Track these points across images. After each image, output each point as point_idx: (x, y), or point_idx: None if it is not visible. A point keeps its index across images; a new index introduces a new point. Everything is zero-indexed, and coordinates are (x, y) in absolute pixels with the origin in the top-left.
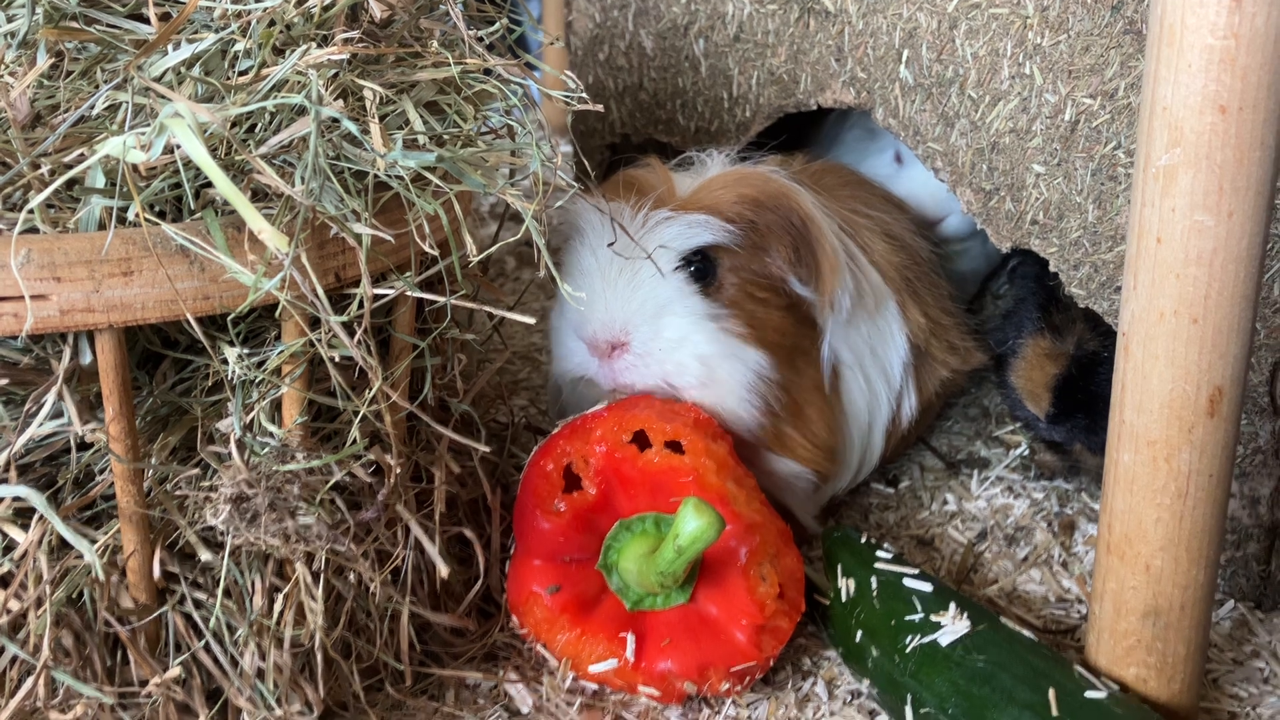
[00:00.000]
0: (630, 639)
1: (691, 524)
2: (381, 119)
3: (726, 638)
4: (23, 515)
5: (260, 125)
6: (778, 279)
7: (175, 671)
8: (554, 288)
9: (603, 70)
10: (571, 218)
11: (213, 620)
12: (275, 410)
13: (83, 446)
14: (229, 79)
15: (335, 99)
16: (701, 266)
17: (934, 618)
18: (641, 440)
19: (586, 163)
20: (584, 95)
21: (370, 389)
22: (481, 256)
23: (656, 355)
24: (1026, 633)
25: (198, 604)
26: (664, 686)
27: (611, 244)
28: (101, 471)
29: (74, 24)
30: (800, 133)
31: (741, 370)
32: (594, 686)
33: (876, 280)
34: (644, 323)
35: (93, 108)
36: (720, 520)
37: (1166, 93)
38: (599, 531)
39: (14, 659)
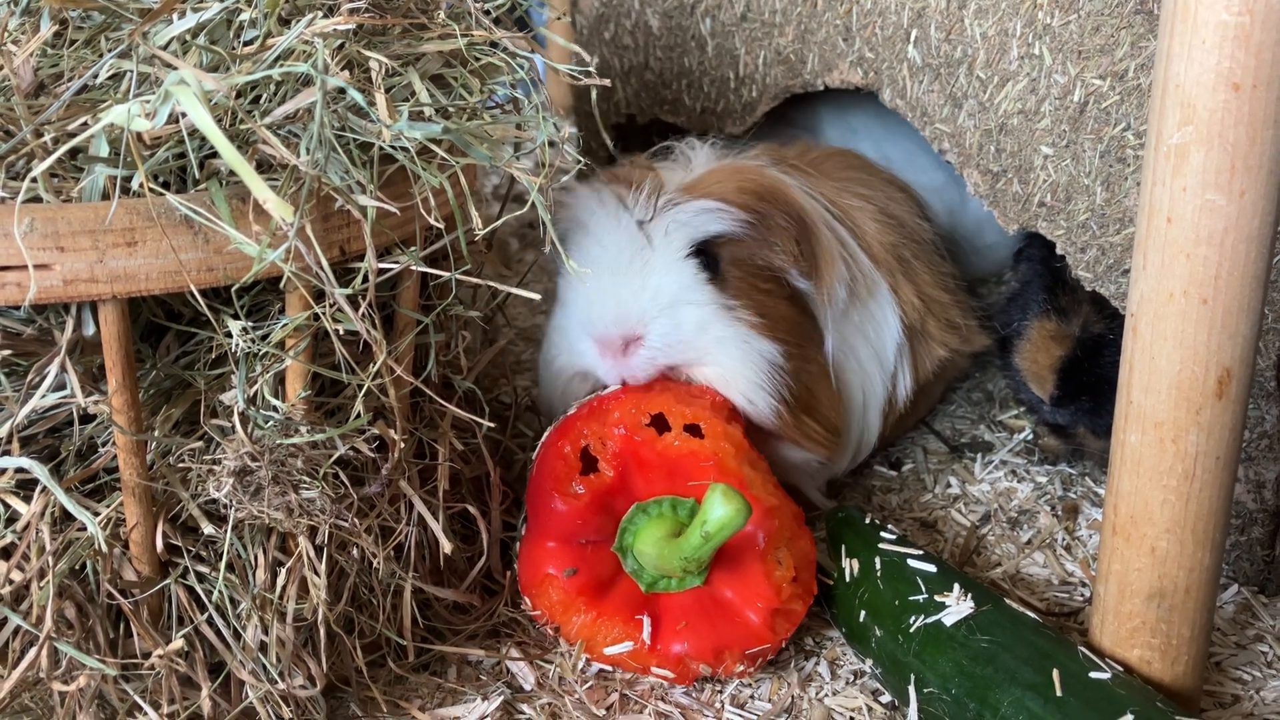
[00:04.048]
0: (646, 621)
1: (720, 510)
2: (387, 90)
3: (741, 620)
4: (25, 487)
5: (265, 96)
6: (780, 271)
7: (178, 644)
8: (558, 271)
9: (608, 49)
10: (572, 210)
11: (215, 593)
12: (279, 384)
13: (85, 419)
14: (234, 48)
15: (341, 69)
16: (707, 258)
17: (938, 598)
18: (660, 423)
19: (595, 139)
20: (591, 70)
21: (374, 363)
22: (487, 231)
23: (676, 346)
24: (1030, 614)
25: (200, 577)
26: (679, 669)
27: (644, 222)
28: (104, 444)
29: None
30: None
31: (757, 360)
32: (598, 665)
33: (867, 265)
34: (660, 315)
35: (96, 76)
36: (748, 507)
37: (1179, 70)
38: (615, 514)
39: (17, 630)
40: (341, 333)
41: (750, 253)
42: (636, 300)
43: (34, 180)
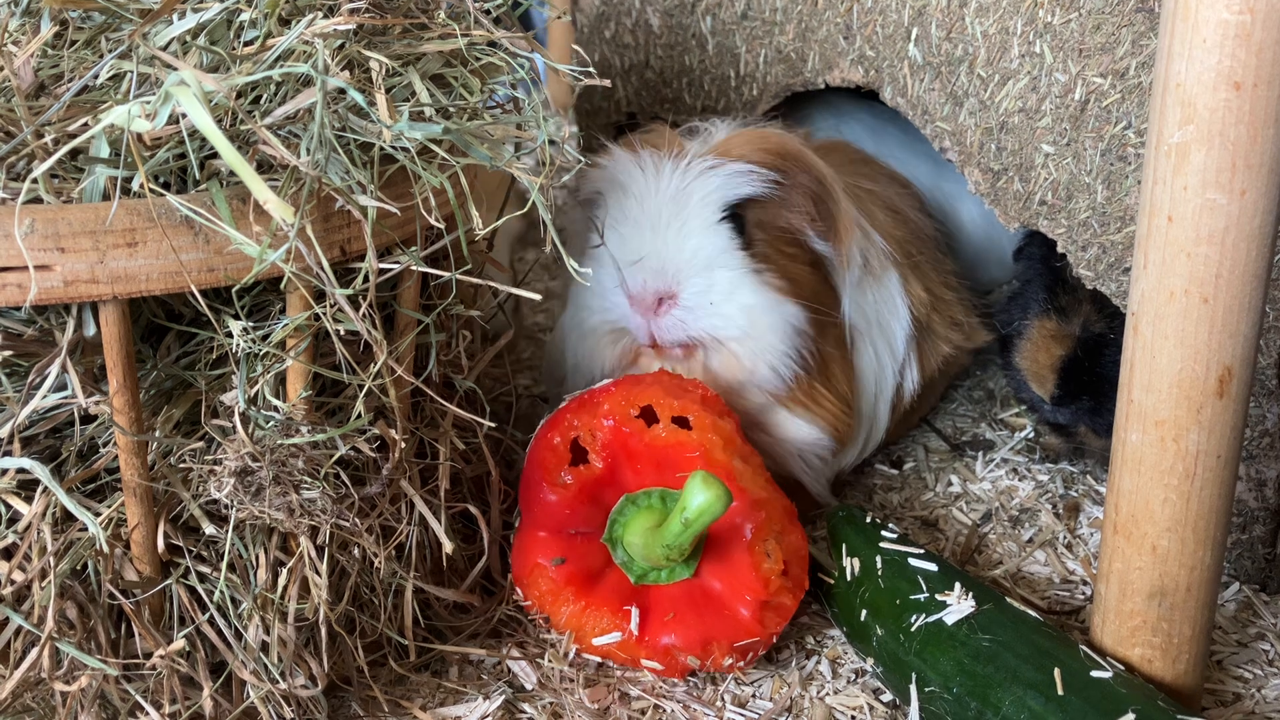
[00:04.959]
0: (634, 612)
1: (699, 497)
2: (388, 91)
3: (730, 613)
4: (27, 487)
5: (265, 96)
6: (799, 232)
7: (179, 644)
8: (562, 264)
9: (609, 48)
10: (610, 172)
11: (217, 593)
12: (279, 384)
13: (87, 419)
14: (234, 49)
15: (341, 70)
16: (736, 221)
17: (939, 597)
18: (649, 416)
19: (595, 139)
20: (591, 70)
21: (375, 363)
22: (487, 231)
23: (705, 309)
24: (1032, 613)
25: (202, 577)
26: (667, 660)
27: (680, 184)
28: (105, 444)
29: None
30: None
31: (782, 324)
32: (598, 661)
33: (881, 243)
34: (695, 275)
35: (97, 77)
36: (727, 493)
37: (1180, 69)
38: (604, 505)
39: (19, 630)
40: (342, 333)
41: (773, 214)
42: (675, 258)
43: (34, 181)
